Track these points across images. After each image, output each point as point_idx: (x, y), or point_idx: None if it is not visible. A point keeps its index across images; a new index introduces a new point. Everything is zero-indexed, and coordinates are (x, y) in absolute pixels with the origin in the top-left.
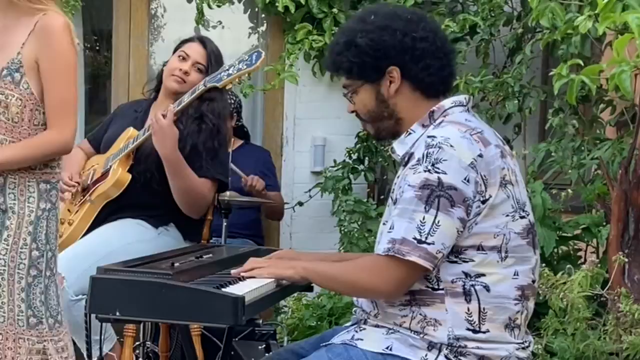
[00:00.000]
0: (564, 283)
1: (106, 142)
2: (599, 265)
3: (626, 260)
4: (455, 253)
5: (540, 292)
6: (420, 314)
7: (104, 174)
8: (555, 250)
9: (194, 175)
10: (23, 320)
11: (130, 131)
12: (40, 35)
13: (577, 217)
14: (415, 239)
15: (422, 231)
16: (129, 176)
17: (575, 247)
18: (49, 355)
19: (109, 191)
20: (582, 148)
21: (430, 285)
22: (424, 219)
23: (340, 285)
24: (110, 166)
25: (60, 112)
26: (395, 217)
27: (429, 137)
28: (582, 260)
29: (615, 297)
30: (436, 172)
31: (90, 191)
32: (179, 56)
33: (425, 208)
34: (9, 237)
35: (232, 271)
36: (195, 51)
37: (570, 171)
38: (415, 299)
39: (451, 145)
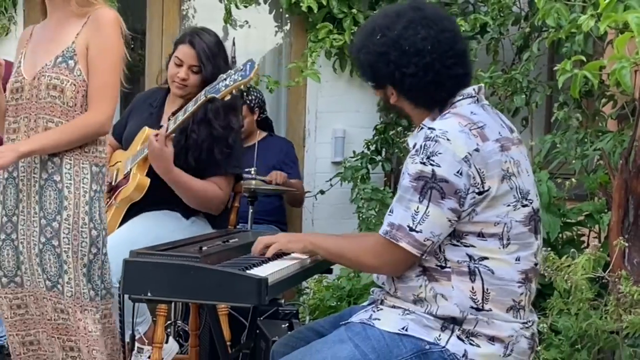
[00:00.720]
0: (568, 266)
1: (126, 139)
2: (600, 249)
3: (626, 244)
4: (457, 237)
5: (545, 274)
6: (431, 287)
7: (126, 177)
8: (560, 235)
9: (197, 184)
10: (85, 294)
11: (146, 131)
12: (93, 26)
13: (580, 205)
14: (408, 226)
15: (414, 220)
16: (148, 180)
17: (579, 232)
18: (105, 326)
19: (131, 195)
20: (585, 140)
21: (439, 264)
22: (417, 208)
23: (345, 261)
24: (130, 169)
25: (100, 95)
26: (395, 203)
27: (429, 128)
28: (585, 244)
29: (616, 279)
30: (431, 164)
31: (115, 194)
32: (175, 62)
33: (419, 198)
34: (68, 216)
35: (253, 249)
36: (186, 54)
37: (574, 161)
38: (427, 272)
39: (448, 139)
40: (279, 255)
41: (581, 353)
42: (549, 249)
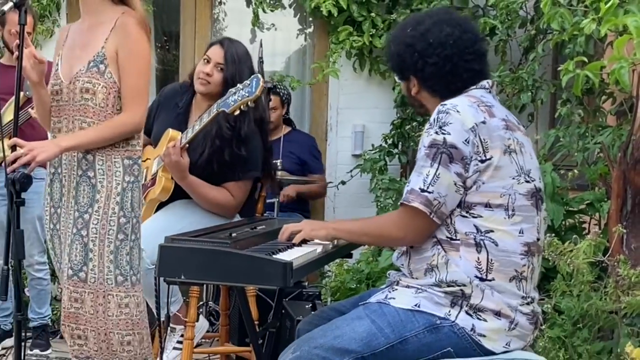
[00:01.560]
0: (571, 251)
1: (155, 137)
2: (601, 235)
3: (624, 231)
4: (466, 209)
5: (549, 258)
6: (443, 255)
7: (153, 178)
8: (563, 222)
9: (210, 191)
10: (111, 279)
11: (170, 133)
12: (120, 31)
13: (582, 194)
14: (420, 188)
15: (425, 182)
16: (173, 183)
17: (581, 219)
18: (130, 309)
19: (158, 197)
20: (587, 134)
21: (450, 236)
22: (428, 172)
23: (368, 238)
24: (157, 171)
25: (132, 97)
26: (412, 174)
27: (441, 105)
28: (587, 231)
29: (615, 263)
30: (442, 133)
31: (144, 194)
32: (204, 60)
33: (430, 163)
34: (99, 208)
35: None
36: (215, 53)
37: (576, 154)
38: (439, 242)
39: (457, 111)
40: (303, 240)
41: (582, 331)
42: (553, 235)
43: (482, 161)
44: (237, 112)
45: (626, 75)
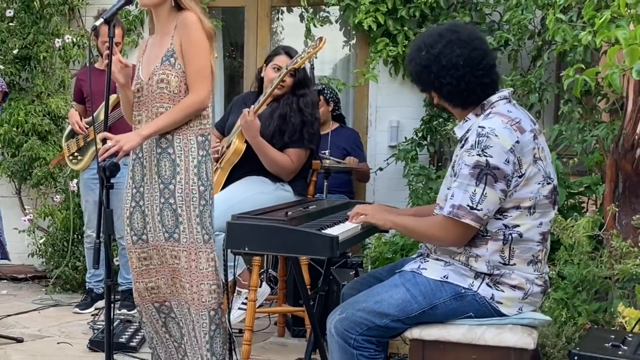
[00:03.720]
0: (572, 226)
1: (228, 128)
2: (597, 213)
3: (617, 209)
4: (501, 212)
5: (554, 232)
6: (469, 251)
7: (228, 146)
8: (566, 202)
9: (275, 153)
10: (200, 238)
11: None
12: (181, 27)
13: (581, 178)
14: (468, 205)
15: (473, 200)
16: (244, 145)
17: (580, 200)
18: (215, 262)
19: (231, 158)
20: (585, 128)
21: (481, 233)
22: (474, 191)
23: (418, 236)
24: (232, 139)
25: (196, 79)
26: (455, 188)
27: (479, 127)
28: (585, 209)
29: (609, 237)
30: (485, 156)
31: (221, 161)
32: (274, 68)
33: (476, 183)
34: (181, 179)
35: (349, 214)
36: (283, 62)
37: (576, 145)
38: (469, 241)
39: (496, 135)
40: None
41: (582, 294)
42: (557, 213)
43: (520, 176)
44: (303, 65)
45: (617, 79)
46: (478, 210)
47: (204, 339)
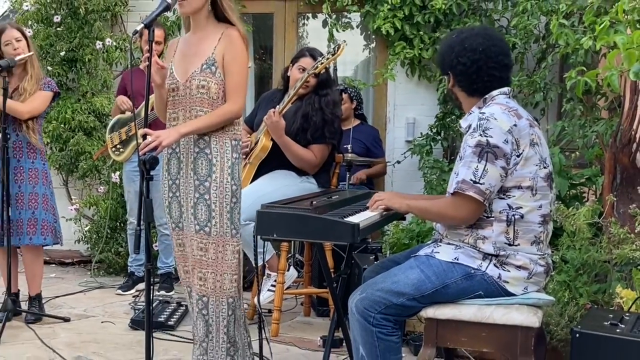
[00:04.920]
0: (574, 214)
1: (257, 124)
2: (597, 202)
3: (615, 199)
4: (503, 192)
5: (557, 220)
6: (476, 233)
7: (256, 143)
8: (568, 192)
9: (299, 149)
10: (228, 233)
11: None
12: (226, 40)
13: (582, 170)
14: (471, 180)
15: (476, 175)
16: (271, 143)
17: (581, 190)
18: (239, 255)
19: (259, 154)
20: (586, 125)
21: (486, 215)
22: (477, 167)
23: (431, 216)
24: (260, 137)
25: (234, 91)
26: (460, 167)
27: (480, 113)
28: (586, 199)
29: (608, 224)
30: (485, 136)
31: (249, 156)
32: (299, 69)
33: (478, 160)
34: (216, 178)
35: (367, 206)
36: (308, 63)
37: (577, 140)
38: (475, 224)
39: (495, 118)
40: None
41: (583, 276)
42: (560, 202)
43: (518, 155)
44: (323, 70)
45: (616, 80)
46: (480, 184)
47: (222, 323)
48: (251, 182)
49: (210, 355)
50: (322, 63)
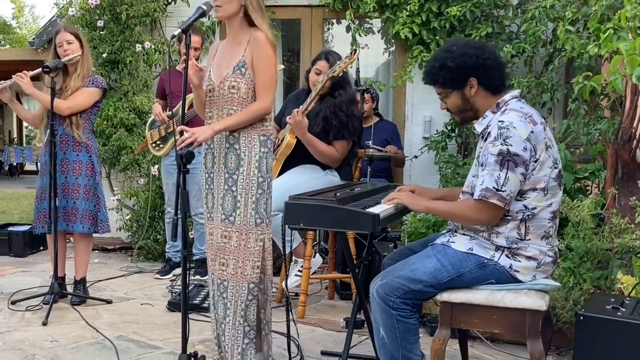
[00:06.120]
0: (578, 206)
1: (284, 123)
2: (599, 195)
3: (616, 192)
4: (520, 194)
5: (563, 211)
6: (491, 228)
7: (282, 140)
8: (573, 185)
9: (322, 145)
10: (252, 222)
11: None
12: (254, 43)
13: (586, 165)
14: (494, 188)
15: (498, 183)
16: (295, 140)
17: (585, 184)
18: (264, 243)
19: (284, 151)
20: (590, 123)
21: (504, 215)
22: (499, 175)
23: (455, 218)
24: (285, 135)
25: (263, 89)
26: (484, 175)
27: (499, 121)
28: (589, 192)
29: (610, 215)
30: (506, 145)
31: (275, 152)
32: (315, 72)
33: (500, 168)
34: (243, 171)
35: (383, 200)
36: (323, 66)
37: (582, 137)
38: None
39: (514, 127)
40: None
41: (586, 264)
42: (565, 194)
43: (535, 161)
44: (341, 73)
45: (620, 84)
46: (502, 191)
47: (240, 306)
48: (277, 176)
49: (227, 337)
50: (339, 67)
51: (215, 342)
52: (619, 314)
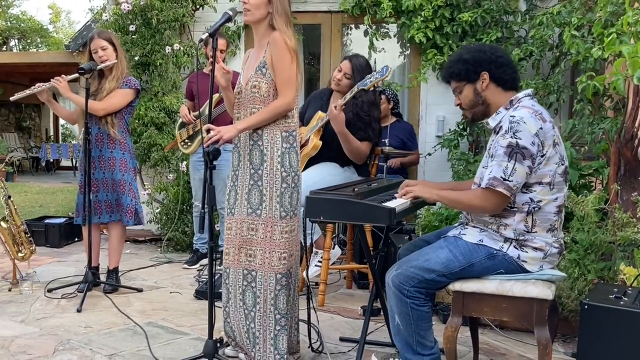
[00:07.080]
0: (583, 201)
1: (307, 120)
2: (603, 191)
3: (619, 188)
4: (526, 187)
5: (568, 206)
6: (499, 221)
7: (307, 141)
8: (578, 182)
9: (356, 141)
10: (277, 215)
11: (319, 113)
12: (272, 44)
13: (590, 163)
14: (502, 177)
15: (506, 173)
16: (321, 142)
17: (589, 180)
18: (289, 234)
19: (310, 152)
20: (594, 123)
21: (509, 206)
22: (507, 166)
23: (461, 207)
24: (309, 137)
25: (284, 86)
26: (492, 165)
27: (511, 116)
28: (594, 188)
29: (613, 210)
30: (516, 138)
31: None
32: (338, 69)
33: (508, 159)
34: (267, 166)
35: (396, 195)
36: (345, 66)
37: (586, 136)
38: (499, 213)
39: (524, 122)
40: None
41: (590, 255)
42: (570, 190)
43: (542, 156)
44: (372, 89)
45: (622, 84)
46: (509, 181)
47: (270, 296)
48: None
49: (258, 324)
50: (371, 81)
51: (229, 330)
52: (621, 303)
